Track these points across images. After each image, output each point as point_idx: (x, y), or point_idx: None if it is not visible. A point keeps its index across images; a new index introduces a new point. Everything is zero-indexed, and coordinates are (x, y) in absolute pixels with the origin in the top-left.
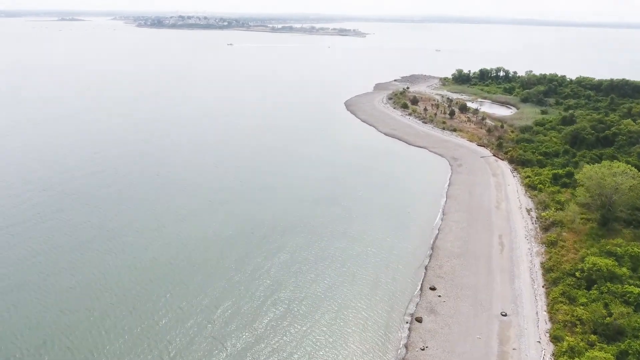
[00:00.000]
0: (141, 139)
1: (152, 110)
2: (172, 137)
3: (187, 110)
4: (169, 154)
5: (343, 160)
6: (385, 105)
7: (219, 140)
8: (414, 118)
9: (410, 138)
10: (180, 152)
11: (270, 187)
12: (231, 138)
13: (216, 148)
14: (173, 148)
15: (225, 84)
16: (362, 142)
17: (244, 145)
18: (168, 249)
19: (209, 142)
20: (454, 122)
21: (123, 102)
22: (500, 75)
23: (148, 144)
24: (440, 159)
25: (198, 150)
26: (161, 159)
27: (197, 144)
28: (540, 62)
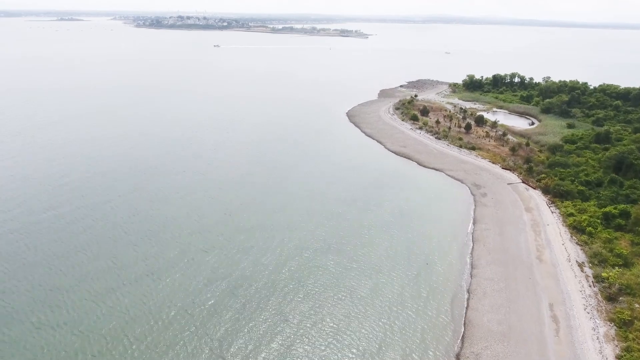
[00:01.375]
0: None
1: (114, 129)
2: (145, 165)
3: (166, 128)
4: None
5: (346, 188)
6: (392, 116)
7: (192, 173)
8: (425, 133)
9: (423, 158)
10: (153, 180)
11: (258, 226)
12: (207, 172)
13: (186, 183)
14: (138, 180)
15: (204, 96)
16: (368, 163)
17: (223, 181)
18: None
19: (181, 173)
20: (471, 138)
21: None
22: (515, 82)
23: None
24: (460, 185)
25: (174, 178)
26: (122, 194)
27: (172, 169)
28: (551, 65)
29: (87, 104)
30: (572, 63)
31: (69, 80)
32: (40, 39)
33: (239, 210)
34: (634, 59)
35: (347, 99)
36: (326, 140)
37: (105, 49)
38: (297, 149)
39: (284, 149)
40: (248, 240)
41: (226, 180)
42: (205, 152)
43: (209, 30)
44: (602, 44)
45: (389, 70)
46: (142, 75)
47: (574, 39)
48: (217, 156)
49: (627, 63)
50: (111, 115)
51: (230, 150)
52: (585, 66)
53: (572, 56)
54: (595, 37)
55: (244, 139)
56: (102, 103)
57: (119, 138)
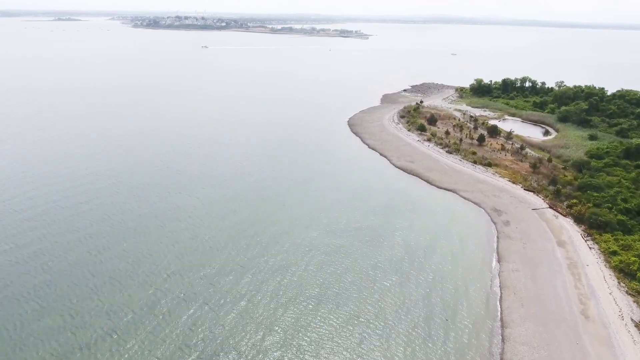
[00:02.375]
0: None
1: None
2: (122, 187)
3: (136, 154)
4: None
5: (348, 214)
6: (397, 125)
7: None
8: (434, 145)
9: (434, 175)
10: (129, 207)
11: (247, 268)
12: (191, 197)
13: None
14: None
15: (184, 100)
16: (372, 182)
17: (208, 213)
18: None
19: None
20: (485, 152)
21: None
22: (526, 87)
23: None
24: (477, 210)
25: (142, 207)
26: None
27: (139, 195)
28: (552, 65)
29: (76, 107)
30: (572, 63)
31: (51, 82)
32: (34, 39)
33: (226, 245)
34: (634, 59)
35: (348, 105)
36: (325, 156)
37: (97, 50)
38: (293, 168)
39: (278, 169)
40: (235, 286)
41: (210, 213)
42: (190, 174)
43: (207, 31)
44: (602, 44)
45: (391, 73)
46: (126, 77)
47: (574, 39)
48: (203, 181)
49: (627, 63)
50: (88, 127)
51: (217, 173)
52: (585, 66)
53: (572, 56)
54: (595, 38)
55: (235, 157)
56: (87, 107)
57: (97, 151)
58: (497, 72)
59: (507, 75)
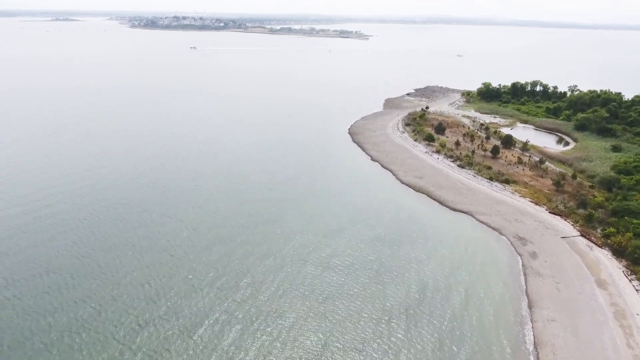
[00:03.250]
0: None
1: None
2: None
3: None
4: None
5: (350, 244)
6: (403, 134)
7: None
8: (444, 158)
9: (445, 194)
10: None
11: (233, 316)
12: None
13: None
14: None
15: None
16: (377, 201)
17: (192, 245)
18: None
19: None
20: (501, 166)
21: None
22: (537, 91)
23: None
24: (498, 238)
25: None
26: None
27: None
28: (553, 65)
29: (58, 110)
30: (575, 64)
31: (32, 82)
32: (27, 39)
33: (209, 285)
34: (634, 59)
35: (348, 111)
36: (325, 170)
37: (89, 50)
38: (290, 185)
39: (273, 187)
40: (219, 342)
41: (194, 243)
42: (176, 191)
43: (205, 31)
44: (604, 44)
45: (393, 75)
46: (108, 78)
47: (575, 39)
48: (190, 200)
49: (628, 64)
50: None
51: (206, 190)
52: (587, 66)
53: (574, 57)
54: (596, 38)
55: (226, 173)
56: (68, 112)
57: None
58: (504, 75)
59: (514, 78)
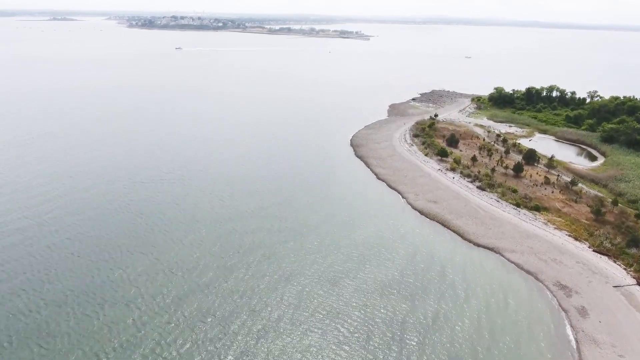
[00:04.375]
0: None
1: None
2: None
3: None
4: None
5: (359, 295)
6: (411, 147)
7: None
8: (460, 177)
9: (466, 225)
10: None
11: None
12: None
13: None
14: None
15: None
16: (386, 232)
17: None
18: None
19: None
20: (525, 186)
21: None
22: (554, 96)
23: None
24: (534, 285)
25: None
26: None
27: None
28: (553, 65)
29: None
30: (581, 64)
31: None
32: (17, 39)
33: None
34: (634, 60)
35: (350, 119)
36: (325, 192)
37: (79, 50)
38: (285, 211)
39: (265, 214)
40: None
41: (162, 300)
42: (154, 222)
43: (203, 31)
44: (605, 45)
45: (396, 78)
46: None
47: (577, 40)
48: (168, 234)
49: (627, 63)
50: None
51: (188, 219)
52: (588, 66)
53: (579, 57)
54: (597, 39)
55: (212, 197)
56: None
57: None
58: (514, 77)
59: (525, 82)
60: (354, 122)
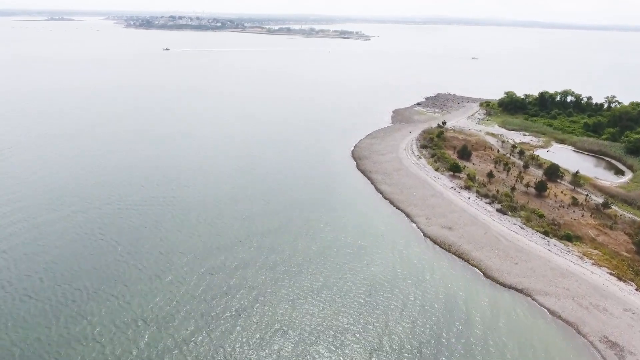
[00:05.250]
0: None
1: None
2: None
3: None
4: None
5: (365, 355)
6: (419, 159)
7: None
8: (476, 197)
9: (487, 258)
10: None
11: None
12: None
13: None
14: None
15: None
16: (397, 268)
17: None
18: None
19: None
20: (550, 208)
21: None
22: (568, 102)
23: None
24: (576, 340)
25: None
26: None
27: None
28: (555, 65)
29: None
30: (575, 63)
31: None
32: (12, 39)
33: None
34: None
35: (351, 126)
36: (323, 214)
37: (69, 50)
38: (278, 242)
39: (255, 245)
40: None
41: (130, 350)
42: (122, 255)
43: (201, 31)
44: (610, 45)
45: (399, 79)
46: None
47: (580, 40)
48: (139, 270)
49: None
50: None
51: (164, 253)
52: (591, 67)
53: (576, 56)
54: (599, 39)
55: (194, 224)
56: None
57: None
58: (522, 80)
59: (534, 85)
60: (355, 129)
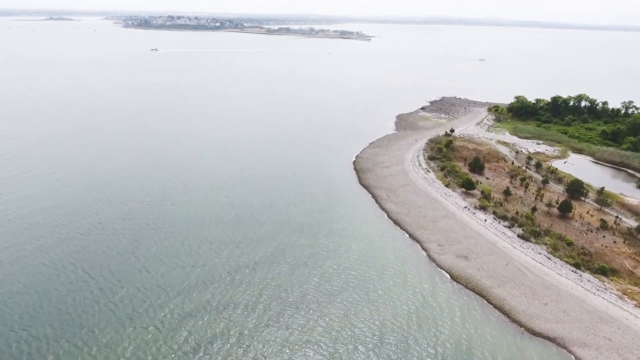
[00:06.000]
0: None
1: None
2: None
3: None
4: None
5: None
6: (427, 173)
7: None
8: (493, 219)
9: (510, 296)
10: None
11: None
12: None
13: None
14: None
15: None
16: (404, 306)
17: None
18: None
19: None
20: (576, 232)
21: None
22: (582, 107)
23: None
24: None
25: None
26: None
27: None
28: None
29: None
30: (580, 64)
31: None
32: (3, 40)
33: None
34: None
35: (352, 133)
36: (320, 243)
37: (60, 51)
38: (269, 274)
39: (240, 291)
40: None
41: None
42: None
43: (200, 31)
44: (615, 45)
45: (402, 82)
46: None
47: (584, 40)
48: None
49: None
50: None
51: (143, 298)
52: (595, 68)
53: (580, 57)
54: (602, 39)
55: (176, 253)
56: None
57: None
58: (530, 83)
59: (543, 88)
60: (357, 137)
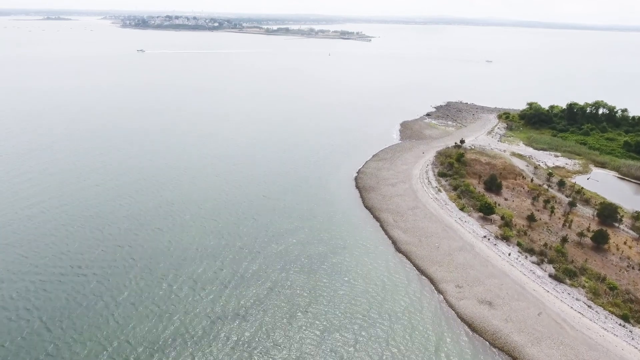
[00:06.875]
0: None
1: None
2: None
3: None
4: None
5: None
6: (438, 193)
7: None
8: (518, 252)
9: (548, 357)
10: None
11: None
12: None
13: None
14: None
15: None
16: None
17: None
18: None
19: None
20: (616, 268)
21: None
22: (600, 115)
23: None
24: None
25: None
26: None
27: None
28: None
29: None
30: (589, 67)
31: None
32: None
33: None
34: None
35: (354, 143)
36: (320, 282)
37: (51, 51)
38: (258, 337)
39: (225, 352)
40: None
41: None
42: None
43: (198, 32)
44: (621, 46)
45: (405, 86)
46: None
47: (588, 42)
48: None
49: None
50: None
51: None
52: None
53: (588, 59)
54: (608, 40)
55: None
56: None
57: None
58: (525, 82)
59: (552, 93)
60: (358, 147)
